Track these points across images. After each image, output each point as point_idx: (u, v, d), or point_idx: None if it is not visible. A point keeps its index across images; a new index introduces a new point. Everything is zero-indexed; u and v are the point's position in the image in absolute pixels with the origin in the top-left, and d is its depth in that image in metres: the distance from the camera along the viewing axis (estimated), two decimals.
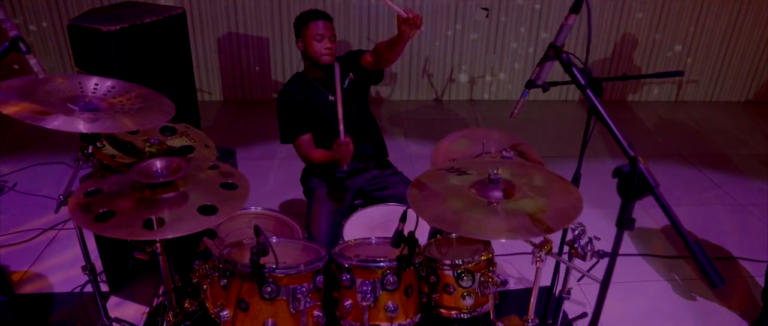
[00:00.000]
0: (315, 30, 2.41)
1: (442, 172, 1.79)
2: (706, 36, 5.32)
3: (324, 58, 2.44)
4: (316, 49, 2.43)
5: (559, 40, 1.27)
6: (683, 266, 3.15)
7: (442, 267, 1.87)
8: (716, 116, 5.35)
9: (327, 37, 2.41)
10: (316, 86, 2.57)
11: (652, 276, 3.08)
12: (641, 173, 1.11)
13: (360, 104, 2.64)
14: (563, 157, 4.29)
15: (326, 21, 2.43)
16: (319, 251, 1.91)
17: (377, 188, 2.63)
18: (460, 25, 5.11)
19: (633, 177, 1.12)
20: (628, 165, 1.14)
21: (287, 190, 3.77)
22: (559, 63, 1.26)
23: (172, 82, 2.82)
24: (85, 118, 1.69)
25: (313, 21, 2.41)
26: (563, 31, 1.27)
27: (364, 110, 2.68)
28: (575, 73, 1.22)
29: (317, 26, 2.40)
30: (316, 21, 2.41)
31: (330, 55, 2.44)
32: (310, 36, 2.42)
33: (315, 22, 2.41)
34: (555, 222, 1.50)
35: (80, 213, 1.52)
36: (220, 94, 5.28)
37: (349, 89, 2.57)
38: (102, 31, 2.36)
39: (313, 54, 2.45)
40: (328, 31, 2.42)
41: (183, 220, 1.52)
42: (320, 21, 2.41)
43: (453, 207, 1.57)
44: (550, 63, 1.31)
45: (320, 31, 2.40)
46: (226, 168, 1.81)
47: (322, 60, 2.44)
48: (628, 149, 1.14)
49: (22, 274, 2.96)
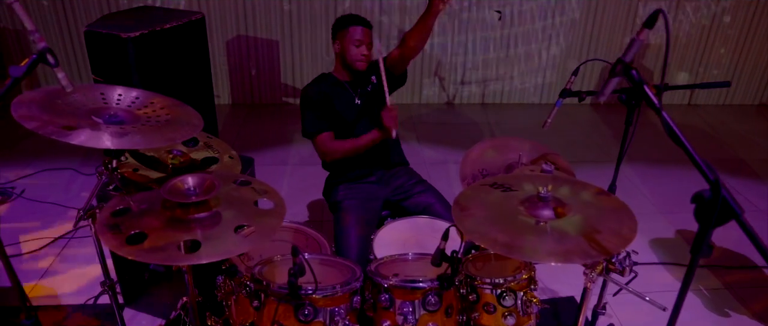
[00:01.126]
0: (354, 35, 2.43)
1: (485, 188, 1.71)
2: (720, 39, 5.26)
3: (359, 64, 2.47)
4: (353, 54, 2.46)
5: (628, 56, 1.19)
6: (708, 276, 3.08)
7: (482, 286, 1.79)
8: (730, 120, 5.29)
9: (364, 44, 2.44)
10: (345, 88, 2.57)
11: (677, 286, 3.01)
12: (725, 199, 1.04)
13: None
14: (580, 163, 4.22)
15: (366, 28, 2.46)
16: (353, 269, 1.83)
17: (404, 197, 2.56)
18: (472, 27, 5.03)
19: (716, 204, 1.04)
20: (709, 191, 1.07)
21: (302, 198, 3.70)
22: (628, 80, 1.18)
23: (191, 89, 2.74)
24: (112, 132, 1.61)
25: (354, 26, 2.44)
26: (634, 46, 1.19)
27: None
28: (648, 93, 1.14)
29: (357, 32, 2.43)
30: (356, 26, 2.44)
31: (365, 62, 2.47)
32: (349, 40, 2.44)
33: (355, 28, 2.44)
34: (612, 243, 1.43)
35: (110, 235, 1.44)
36: (228, 98, 5.20)
37: (372, 92, 2.55)
38: (121, 37, 2.27)
39: (349, 58, 2.47)
40: (367, 37, 2.44)
41: (220, 242, 1.44)
42: (360, 27, 2.44)
43: (502, 228, 1.49)
44: (616, 79, 1.23)
45: (359, 37, 2.43)
46: (258, 184, 1.73)
47: (357, 65, 2.47)
48: (708, 173, 1.06)
49: (33, 287, 2.87)
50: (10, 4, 1.33)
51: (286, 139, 4.61)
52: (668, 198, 3.87)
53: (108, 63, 2.38)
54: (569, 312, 2.72)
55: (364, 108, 2.56)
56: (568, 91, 2.18)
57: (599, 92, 1.25)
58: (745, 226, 1.04)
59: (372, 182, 2.59)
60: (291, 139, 4.60)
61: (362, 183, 2.59)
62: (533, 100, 5.45)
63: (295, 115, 5.05)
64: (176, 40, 2.53)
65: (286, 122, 4.94)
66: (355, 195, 2.55)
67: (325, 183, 2.73)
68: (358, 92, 2.56)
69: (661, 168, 4.27)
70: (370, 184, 2.58)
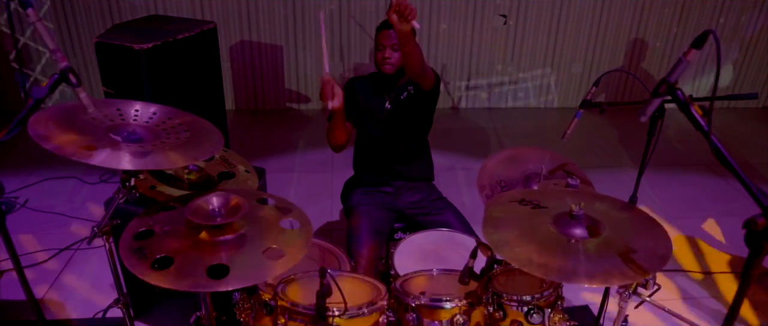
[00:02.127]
0: (379, 39, 2.41)
1: (514, 205, 1.68)
2: (724, 40, 5.24)
3: (383, 68, 2.42)
4: (377, 58, 2.43)
5: (673, 76, 1.16)
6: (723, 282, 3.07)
7: (509, 303, 1.76)
8: (734, 123, 5.28)
9: (388, 47, 2.38)
10: (381, 90, 2.54)
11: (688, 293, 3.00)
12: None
13: (415, 122, 2.57)
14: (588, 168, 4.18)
15: (390, 30, 2.37)
16: (378, 288, 1.79)
17: (421, 213, 2.52)
18: (477, 31, 5.00)
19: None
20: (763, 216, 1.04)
21: (310, 205, 3.65)
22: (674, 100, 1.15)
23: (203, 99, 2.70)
24: (132, 151, 1.56)
25: (380, 30, 2.41)
26: (680, 66, 1.16)
27: (418, 130, 2.61)
28: (694, 114, 1.11)
29: (380, 36, 2.40)
30: (382, 30, 2.40)
31: (390, 65, 2.40)
32: (376, 44, 2.43)
33: (381, 32, 2.41)
34: (650, 263, 1.40)
35: (134, 260, 1.40)
36: (232, 103, 5.14)
37: (405, 101, 2.50)
38: (134, 49, 2.22)
39: (376, 62, 2.45)
40: (390, 39, 2.37)
41: (249, 267, 1.40)
42: (386, 30, 2.38)
43: (536, 248, 1.46)
44: (658, 100, 1.20)
45: (382, 41, 2.39)
46: (281, 202, 1.69)
47: (383, 69, 2.42)
48: (761, 199, 1.03)
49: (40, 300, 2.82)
50: (34, 23, 1.29)
51: (292, 145, 4.57)
52: (675, 204, 3.86)
53: (119, 75, 2.34)
54: (587, 323, 2.70)
55: (393, 114, 2.50)
56: (588, 102, 2.14)
57: (640, 112, 1.22)
58: None
59: (388, 193, 2.56)
60: (297, 145, 4.55)
61: (378, 193, 2.56)
62: (539, 104, 5.43)
63: (299, 121, 5.04)
64: (188, 50, 2.48)
65: (291, 128, 4.89)
66: (370, 202, 2.52)
67: (343, 186, 2.72)
68: (391, 96, 2.51)
69: (669, 174, 4.25)
70: (386, 194, 2.55)
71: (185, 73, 2.53)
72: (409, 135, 2.56)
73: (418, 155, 2.62)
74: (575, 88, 5.36)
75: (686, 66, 1.18)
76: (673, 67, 1.18)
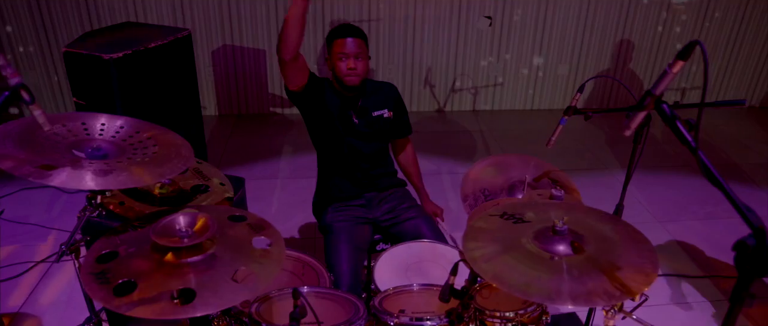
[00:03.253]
0: (338, 48, 2.25)
1: (495, 219, 1.62)
2: (710, 41, 5.24)
3: (347, 79, 2.29)
4: (339, 69, 2.28)
5: (659, 89, 1.11)
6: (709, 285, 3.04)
7: (492, 319, 1.70)
8: (720, 123, 5.27)
9: (352, 56, 2.24)
10: (345, 102, 2.39)
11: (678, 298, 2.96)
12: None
13: (384, 138, 2.52)
14: (575, 171, 4.17)
15: (354, 38, 2.25)
16: (356, 305, 1.73)
17: (394, 223, 2.44)
18: (462, 34, 4.95)
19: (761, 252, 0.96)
20: (753, 238, 0.99)
21: (293, 213, 3.59)
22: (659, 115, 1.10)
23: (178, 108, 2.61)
24: (95, 170, 1.49)
25: (338, 38, 2.26)
26: (665, 78, 1.11)
27: (387, 151, 2.57)
28: (680, 128, 1.06)
29: (340, 44, 2.25)
30: (341, 38, 2.25)
31: (354, 76, 2.28)
32: (334, 54, 2.27)
33: (340, 40, 2.25)
34: (635, 282, 1.35)
35: (95, 286, 1.32)
36: (215, 109, 5.06)
37: (380, 122, 2.43)
38: (103, 58, 2.14)
39: (337, 74, 2.30)
40: (354, 49, 2.24)
41: (217, 291, 1.33)
42: (347, 38, 2.24)
43: (517, 266, 1.40)
44: (643, 113, 1.14)
45: (344, 50, 2.24)
46: (254, 219, 1.62)
47: (346, 81, 2.29)
48: (751, 220, 0.98)
49: (12, 317, 2.73)
50: None
51: (276, 150, 4.49)
52: (664, 207, 3.83)
53: (90, 85, 2.25)
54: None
55: (361, 128, 2.41)
56: (573, 108, 2.10)
57: (625, 125, 1.16)
58: None
59: (361, 205, 2.47)
60: (280, 151, 4.48)
61: (350, 207, 2.46)
62: (525, 106, 5.39)
63: (283, 125, 4.96)
64: (162, 59, 2.40)
65: (275, 133, 4.81)
66: (345, 218, 2.43)
67: (312, 202, 2.60)
68: (358, 111, 2.40)
69: (657, 176, 4.22)
70: (359, 207, 2.47)
71: (159, 81, 2.45)
72: (377, 149, 2.49)
73: (383, 164, 2.54)
74: (561, 90, 5.33)
75: (672, 78, 1.12)
76: (658, 79, 1.12)
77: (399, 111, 2.53)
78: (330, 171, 2.51)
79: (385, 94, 2.48)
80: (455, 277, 1.59)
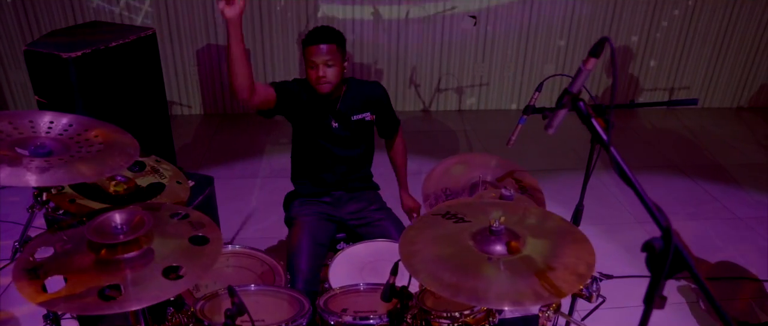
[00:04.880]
0: (308, 55, 2.21)
1: (437, 219, 1.62)
2: (697, 42, 5.21)
3: (318, 87, 2.24)
4: (309, 77, 2.24)
5: (575, 87, 1.10)
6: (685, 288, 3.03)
7: (438, 320, 1.70)
8: (708, 124, 5.25)
9: (320, 65, 2.19)
10: (322, 107, 2.36)
11: None
12: (678, 250, 0.95)
13: (367, 146, 2.53)
14: (558, 170, 4.15)
15: (324, 44, 2.18)
16: (302, 303, 1.73)
17: (361, 224, 2.45)
18: (447, 33, 4.94)
19: (667, 254, 0.95)
20: (661, 240, 0.98)
21: (270, 213, 3.59)
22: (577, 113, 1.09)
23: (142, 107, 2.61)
24: (35, 167, 1.49)
25: (308, 46, 2.20)
26: (581, 76, 1.10)
27: (367, 153, 2.57)
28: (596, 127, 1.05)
29: (309, 52, 2.20)
30: (311, 46, 2.19)
31: (324, 84, 2.22)
32: (306, 62, 2.23)
33: (310, 47, 2.20)
34: (565, 283, 1.34)
35: (26, 282, 1.33)
36: (200, 108, 5.07)
37: (360, 126, 2.42)
38: (62, 57, 2.15)
39: (309, 81, 2.26)
40: (323, 56, 2.18)
41: (145, 287, 1.33)
42: (317, 45, 2.18)
43: (451, 267, 1.40)
44: (563, 111, 1.14)
45: (312, 58, 2.19)
46: (196, 216, 1.62)
47: (318, 89, 2.24)
48: (660, 220, 0.97)
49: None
50: None
51: (258, 150, 4.50)
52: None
53: (50, 84, 2.26)
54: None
55: (340, 133, 2.40)
56: (532, 107, 2.09)
57: (547, 124, 1.16)
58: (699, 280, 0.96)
59: (327, 203, 2.48)
60: (263, 151, 4.48)
61: (317, 202, 2.47)
62: (510, 106, 5.38)
63: (267, 126, 4.96)
64: (124, 58, 2.40)
65: (259, 133, 4.82)
66: (309, 212, 2.44)
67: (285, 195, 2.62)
68: (335, 116, 2.37)
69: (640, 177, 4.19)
70: (325, 204, 2.48)
71: (122, 81, 2.45)
72: (355, 153, 2.49)
73: (358, 166, 2.54)
74: (547, 89, 5.30)
75: (587, 75, 1.12)
76: (574, 77, 1.12)
77: (383, 112, 2.48)
78: (303, 168, 2.52)
79: (367, 97, 2.42)
80: (396, 277, 1.59)
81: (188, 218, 1.62)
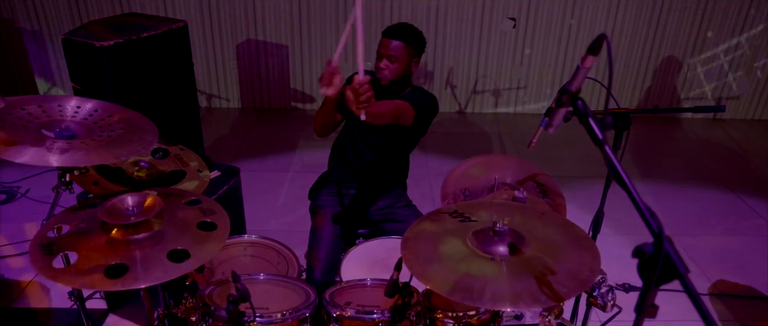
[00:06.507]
0: (379, 46, 2.31)
1: (444, 216, 1.61)
2: (749, 50, 4.98)
3: (378, 75, 2.33)
4: (375, 64, 2.35)
5: (574, 85, 1.08)
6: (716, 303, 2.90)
7: (443, 319, 1.69)
8: (758, 136, 5.01)
9: (384, 56, 2.29)
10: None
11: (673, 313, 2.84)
12: (668, 256, 0.91)
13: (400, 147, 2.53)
14: (589, 178, 4.04)
15: (391, 39, 2.28)
16: (308, 294, 1.75)
17: (384, 219, 2.47)
18: (485, 35, 4.89)
19: (657, 260, 0.92)
20: (652, 245, 0.95)
21: (297, 206, 3.64)
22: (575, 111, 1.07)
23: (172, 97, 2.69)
24: (58, 148, 1.56)
25: (382, 37, 2.31)
26: (579, 74, 1.07)
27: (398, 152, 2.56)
28: (592, 126, 1.03)
29: (381, 43, 2.31)
30: (383, 37, 2.31)
31: (383, 76, 2.31)
32: (378, 50, 2.33)
33: (382, 39, 2.31)
34: (565, 287, 1.31)
35: (39, 255, 1.39)
36: (238, 102, 5.18)
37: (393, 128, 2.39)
38: (95, 46, 2.24)
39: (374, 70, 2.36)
40: (388, 49, 2.27)
41: (150, 267, 1.37)
42: (386, 39, 2.29)
43: (453, 266, 1.39)
44: (563, 110, 1.12)
45: (380, 49, 2.30)
46: (208, 204, 1.66)
47: (377, 76, 2.33)
48: (652, 225, 0.94)
49: (27, 285, 2.89)
50: None
51: (292, 144, 4.56)
52: (682, 220, 3.68)
53: (85, 71, 2.36)
54: None
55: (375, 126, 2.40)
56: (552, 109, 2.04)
57: (547, 124, 1.13)
58: (689, 288, 0.92)
59: (352, 195, 2.51)
60: (296, 145, 4.55)
61: (344, 195, 2.52)
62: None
63: (303, 121, 5.03)
64: (155, 48, 2.48)
65: (293, 127, 4.89)
66: (334, 204, 2.48)
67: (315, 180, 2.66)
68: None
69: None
70: (351, 197, 2.51)
71: (153, 71, 2.53)
72: (384, 146, 2.49)
73: (390, 163, 2.54)
74: (585, 94, 5.18)
75: (586, 73, 1.09)
76: (573, 75, 1.09)
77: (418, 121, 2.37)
78: (338, 148, 2.57)
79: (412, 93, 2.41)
80: (399, 273, 1.58)
81: (200, 204, 1.67)
